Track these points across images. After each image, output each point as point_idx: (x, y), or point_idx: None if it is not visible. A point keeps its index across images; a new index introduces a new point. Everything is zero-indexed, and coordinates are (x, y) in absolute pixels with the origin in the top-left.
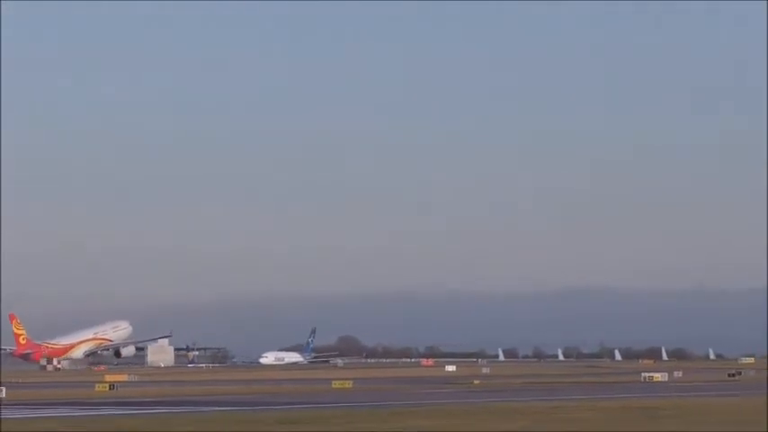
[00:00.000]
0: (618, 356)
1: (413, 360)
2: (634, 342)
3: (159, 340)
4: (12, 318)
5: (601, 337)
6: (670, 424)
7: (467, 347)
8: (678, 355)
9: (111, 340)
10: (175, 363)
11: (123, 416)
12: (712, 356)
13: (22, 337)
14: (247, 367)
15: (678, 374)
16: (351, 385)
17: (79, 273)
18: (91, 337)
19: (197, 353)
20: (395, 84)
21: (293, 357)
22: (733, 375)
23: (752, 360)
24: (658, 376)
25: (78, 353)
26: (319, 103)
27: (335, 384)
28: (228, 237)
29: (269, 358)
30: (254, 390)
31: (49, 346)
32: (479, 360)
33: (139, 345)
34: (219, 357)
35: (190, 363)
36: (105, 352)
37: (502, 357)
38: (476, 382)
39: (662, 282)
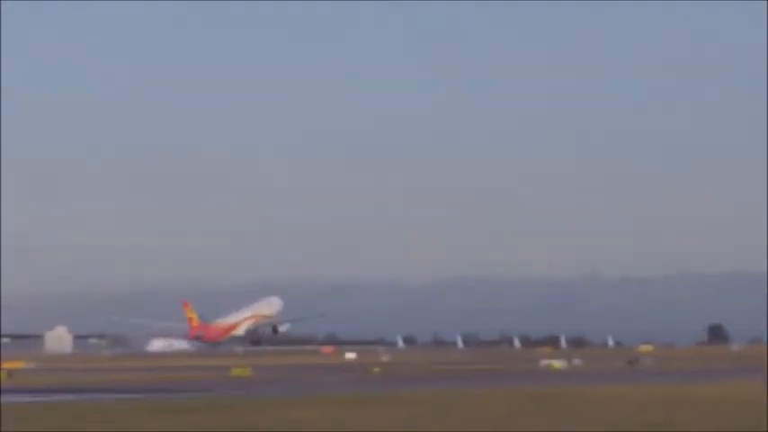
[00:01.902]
0: (517, 344)
1: (313, 347)
2: (533, 329)
3: (57, 328)
4: (185, 304)
5: (500, 325)
6: (569, 411)
7: (366, 335)
8: (577, 343)
9: (268, 317)
10: (74, 350)
11: (17, 404)
12: (611, 344)
13: (194, 321)
14: (136, 354)
15: (577, 362)
16: (250, 373)
17: None
18: (250, 315)
19: (96, 340)
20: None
21: (180, 344)
22: (631, 363)
23: (650, 347)
24: (557, 364)
25: (240, 331)
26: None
27: (235, 372)
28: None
29: (157, 345)
30: (150, 378)
31: (214, 326)
32: (379, 347)
33: (290, 322)
34: (121, 344)
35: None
36: (264, 329)
37: (401, 345)
38: (375, 369)
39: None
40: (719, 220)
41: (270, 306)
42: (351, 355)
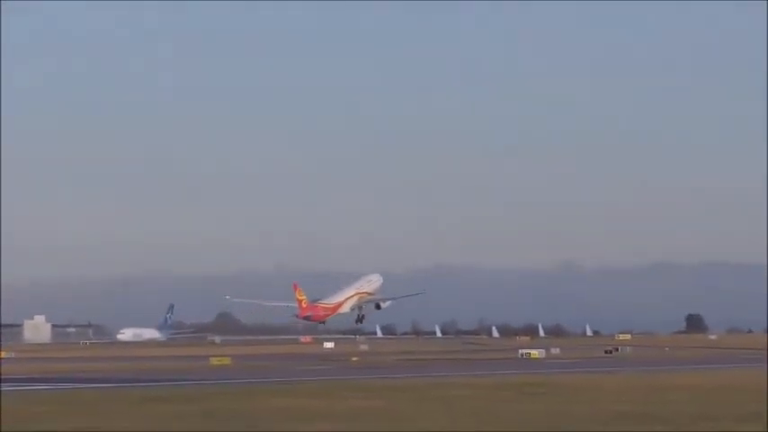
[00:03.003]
0: (495, 333)
1: (292, 337)
2: (512, 319)
3: (36, 317)
4: (295, 286)
5: (479, 314)
6: (546, 400)
7: (345, 324)
8: (555, 332)
9: (370, 294)
10: (52, 339)
11: None
12: (589, 333)
13: (303, 302)
14: (104, 344)
15: (555, 351)
16: (229, 362)
17: None
18: (354, 293)
19: (74, 329)
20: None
21: (151, 334)
22: (609, 352)
23: (628, 337)
24: (536, 353)
25: (346, 308)
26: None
27: (214, 361)
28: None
29: (126, 334)
30: (131, 368)
31: (322, 305)
32: (357, 337)
33: (391, 299)
34: (100, 334)
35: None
36: (368, 306)
37: (380, 334)
38: (354, 359)
39: (535, 260)
40: (697, 211)
41: (371, 283)
42: (329, 345)
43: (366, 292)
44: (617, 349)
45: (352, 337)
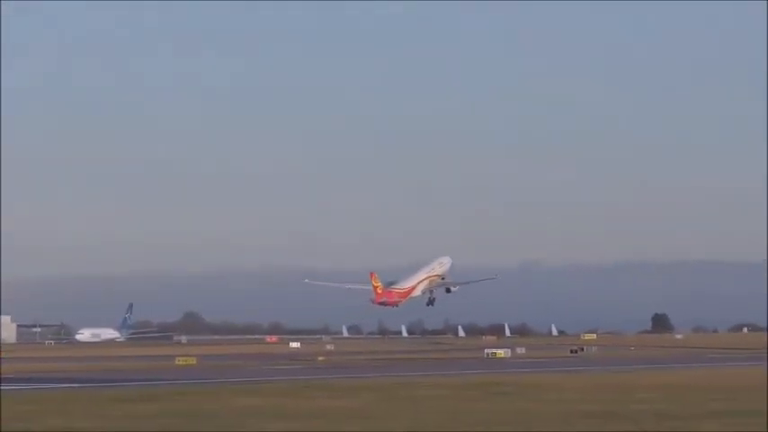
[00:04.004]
0: (461, 333)
1: (257, 337)
2: (477, 318)
3: (2, 317)
4: (372, 275)
5: (445, 314)
6: (512, 399)
7: (311, 324)
8: (521, 331)
9: (441, 276)
10: (17, 339)
11: None
12: (555, 332)
13: (378, 288)
14: (61, 344)
15: (521, 351)
16: (195, 362)
17: None
18: (425, 276)
19: (39, 329)
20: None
21: (110, 334)
22: (575, 352)
23: (593, 336)
24: (501, 352)
25: (418, 292)
26: None
27: (179, 361)
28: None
29: (85, 335)
30: (97, 368)
31: (396, 291)
32: (323, 337)
33: (461, 284)
34: (62, 333)
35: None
36: (438, 290)
37: (346, 334)
38: (320, 358)
39: (500, 258)
40: (663, 209)
41: (442, 266)
42: (295, 345)
43: (437, 275)
44: (582, 349)
45: (318, 336)
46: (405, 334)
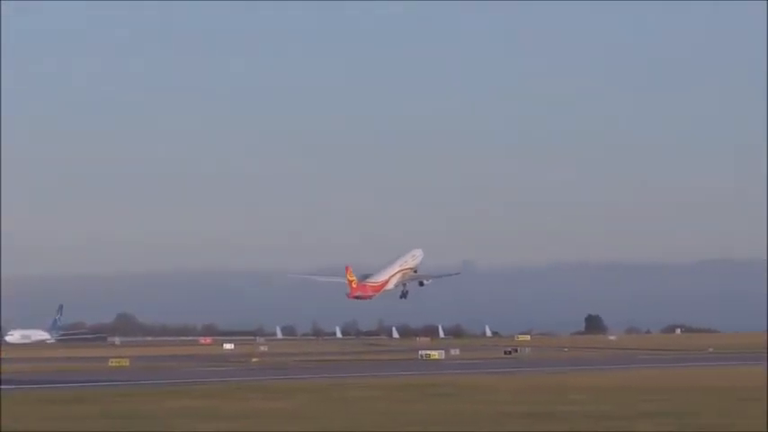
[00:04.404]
0: (395, 334)
1: (191, 338)
2: (411, 320)
3: None
4: (347, 269)
5: (379, 315)
6: (446, 401)
7: (245, 325)
8: (455, 333)
9: (414, 270)
10: None
11: None
12: (489, 334)
13: (353, 283)
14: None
15: (455, 352)
16: (128, 363)
17: None
18: (398, 269)
19: None
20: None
21: (40, 335)
22: (509, 353)
23: (527, 337)
24: (435, 354)
25: (391, 285)
26: None
27: (113, 363)
28: None
29: (15, 336)
30: (31, 369)
31: (370, 284)
32: (257, 338)
33: (434, 278)
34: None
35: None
36: (411, 284)
37: (280, 335)
38: (254, 360)
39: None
40: (597, 211)
41: (414, 258)
42: (229, 346)
43: (410, 268)
44: (516, 350)
45: (252, 338)
46: (339, 335)
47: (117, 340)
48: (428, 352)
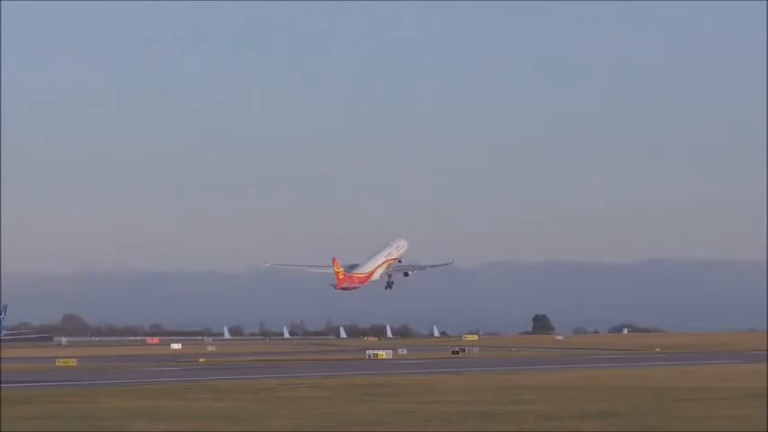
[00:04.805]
0: (343, 334)
1: (138, 338)
2: (359, 319)
3: None
4: (334, 260)
5: (327, 315)
6: (393, 400)
7: (192, 325)
8: (403, 333)
9: (399, 260)
10: None
11: None
12: (437, 334)
13: (340, 274)
14: None
15: (403, 352)
16: (75, 363)
17: None
18: (384, 260)
19: None
20: None
21: None
22: (457, 353)
23: (475, 337)
24: (383, 354)
25: (377, 276)
26: None
27: (59, 363)
28: None
29: None
30: None
31: (356, 275)
32: (205, 338)
33: (420, 269)
34: None
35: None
36: (396, 274)
37: (227, 335)
38: (201, 360)
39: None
40: (541, 211)
41: (399, 249)
42: (176, 346)
43: (395, 258)
44: (464, 350)
45: (200, 338)
46: (287, 335)
47: (64, 340)
48: (376, 352)
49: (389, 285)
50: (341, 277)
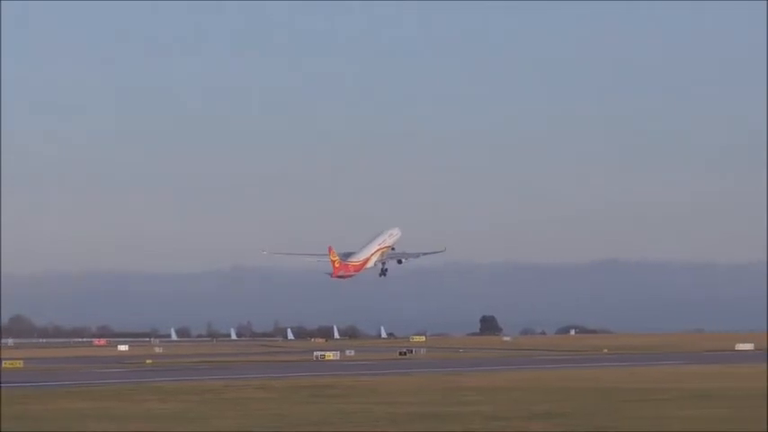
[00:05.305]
0: (290, 335)
1: (85, 339)
2: (306, 321)
3: None
4: (330, 249)
5: (274, 316)
6: (340, 401)
7: (139, 327)
8: (350, 334)
9: (392, 248)
10: None
11: None
12: (384, 335)
13: (336, 263)
14: None
15: (350, 353)
16: (21, 365)
17: None
18: (377, 248)
19: None
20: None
21: None
22: (404, 354)
23: (423, 338)
24: (331, 355)
25: (371, 263)
26: None
27: (6, 364)
28: None
29: None
30: None
31: (352, 263)
32: (152, 339)
33: (414, 257)
34: None
35: None
36: (390, 262)
37: (175, 337)
38: (148, 361)
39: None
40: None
41: (392, 237)
42: (123, 348)
43: (388, 246)
44: (411, 351)
45: (147, 339)
46: (234, 336)
47: (10, 341)
48: (323, 353)
49: (383, 273)
50: (337, 265)
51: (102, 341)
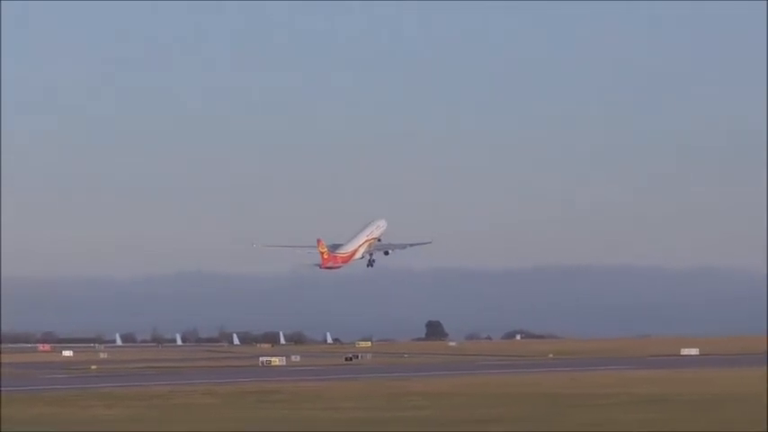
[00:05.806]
0: (236, 341)
1: (30, 345)
2: (252, 326)
3: None
4: (319, 241)
5: (219, 321)
6: (285, 407)
7: (84, 332)
8: (296, 339)
9: (378, 239)
10: None
11: None
12: (330, 340)
13: (325, 254)
14: None
15: (296, 358)
16: None
17: None
18: (365, 239)
19: None
20: None
21: None
22: (350, 359)
23: (368, 344)
24: (276, 360)
25: (359, 255)
26: None
27: None
28: None
29: None
30: None
31: (340, 255)
32: (97, 345)
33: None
34: None
35: None
36: (377, 253)
37: (119, 342)
38: (93, 367)
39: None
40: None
41: (379, 229)
42: (68, 353)
43: (375, 238)
44: (357, 356)
45: (91, 345)
46: (179, 342)
47: None
48: (269, 359)
49: (371, 263)
50: (326, 257)
51: (47, 347)
